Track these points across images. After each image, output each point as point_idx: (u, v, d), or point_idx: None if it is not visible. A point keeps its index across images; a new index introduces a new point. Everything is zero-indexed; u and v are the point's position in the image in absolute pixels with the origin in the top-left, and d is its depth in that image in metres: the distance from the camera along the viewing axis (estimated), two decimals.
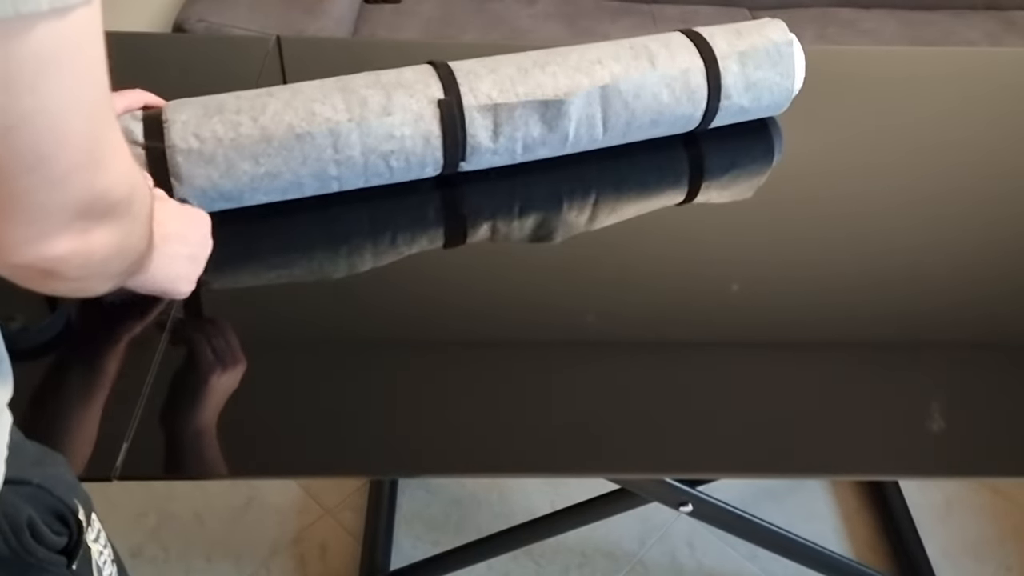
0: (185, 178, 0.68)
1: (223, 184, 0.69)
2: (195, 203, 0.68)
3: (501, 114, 0.74)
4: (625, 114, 0.79)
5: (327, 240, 0.76)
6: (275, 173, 0.70)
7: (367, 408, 0.63)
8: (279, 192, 0.72)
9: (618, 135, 0.80)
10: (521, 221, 0.79)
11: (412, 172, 0.75)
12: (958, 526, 1.33)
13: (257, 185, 0.70)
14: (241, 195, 0.70)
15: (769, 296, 0.73)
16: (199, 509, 1.33)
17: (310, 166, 0.70)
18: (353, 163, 0.71)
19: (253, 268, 0.74)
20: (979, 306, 0.73)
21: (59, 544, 0.45)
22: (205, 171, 0.68)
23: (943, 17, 1.86)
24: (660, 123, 0.81)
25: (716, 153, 0.88)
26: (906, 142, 0.92)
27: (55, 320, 0.65)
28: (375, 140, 0.71)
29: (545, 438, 0.62)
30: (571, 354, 0.68)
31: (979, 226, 0.81)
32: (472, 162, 0.76)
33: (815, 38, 1.76)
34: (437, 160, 0.75)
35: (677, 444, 0.62)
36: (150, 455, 0.59)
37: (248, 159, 0.69)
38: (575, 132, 0.78)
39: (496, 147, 0.76)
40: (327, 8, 1.65)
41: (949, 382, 0.67)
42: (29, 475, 0.44)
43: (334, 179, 0.72)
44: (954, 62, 1.10)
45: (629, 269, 0.75)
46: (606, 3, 1.87)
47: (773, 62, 0.83)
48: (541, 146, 0.78)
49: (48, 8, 0.33)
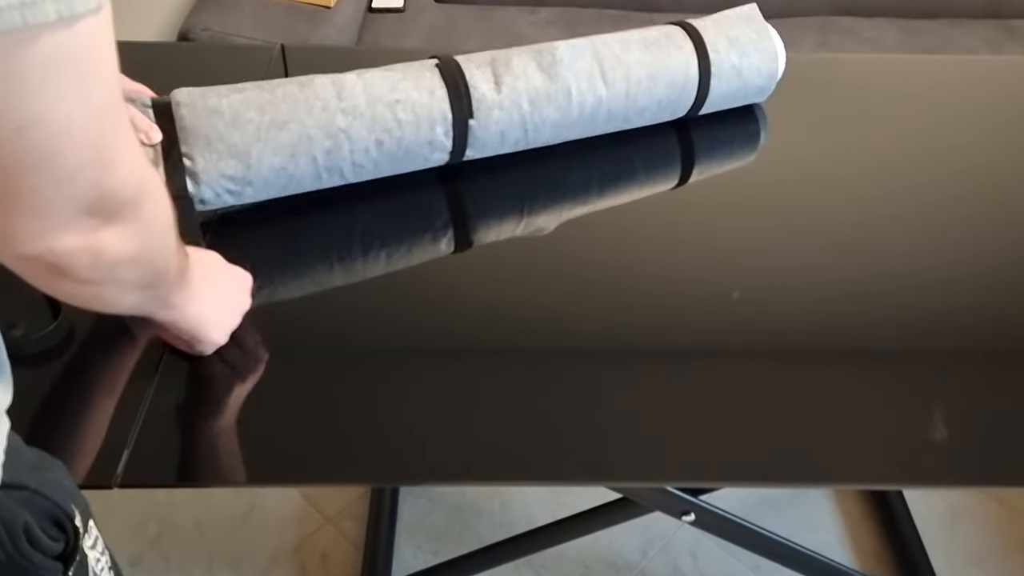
0: (191, 130, 0.68)
1: (229, 135, 0.68)
2: (202, 160, 0.68)
3: (499, 66, 0.77)
4: (620, 67, 0.80)
5: (328, 249, 0.76)
6: (281, 122, 0.70)
7: (369, 416, 0.63)
8: (288, 148, 0.70)
9: (620, 92, 0.81)
10: (525, 222, 0.79)
11: (422, 130, 0.74)
12: (963, 536, 1.32)
13: (264, 137, 0.69)
14: (249, 151, 0.69)
15: (772, 304, 0.73)
16: (199, 517, 1.32)
17: (316, 116, 0.71)
18: (359, 112, 0.72)
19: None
20: (983, 313, 0.73)
21: (55, 550, 0.45)
22: (210, 120, 0.68)
23: (944, 25, 1.86)
24: (658, 78, 0.82)
25: (707, 151, 0.88)
26: (907, 149, 0.92)
27: (58, 327, 0.65)
28: (379, 91, 0.73)
29: (547, 447, 0.62)
30: (573, 362, 0.68)
31: (984, 232, 0.81)
32: (481, 119, 0.76)
33: (816, 46, 1.76)
34: (445, 114, 0.74)
35: (679, 453, 0.62)
36: (151, 463, 0.59)
37: (253, 108, 0.69)
38: (576, 86, 0.79)
39: (501, 99, 0.76)
40: (331, 17, 1.65)
41: (952, 391, 0.66)
42: (26, 480, 0.44)
43: (342, 132, 0.71)
44: (954, 70, 1.10)
45: (630, 274, 0.75)
46: (608, 12, 1.88)
47: (745, 22, 0.87)
48: (546, 101, 0.78)
49: (55, 18, 0.35)
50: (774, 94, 0.92)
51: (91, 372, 0.64)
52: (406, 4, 1.85)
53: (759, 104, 0.93)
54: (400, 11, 1.83)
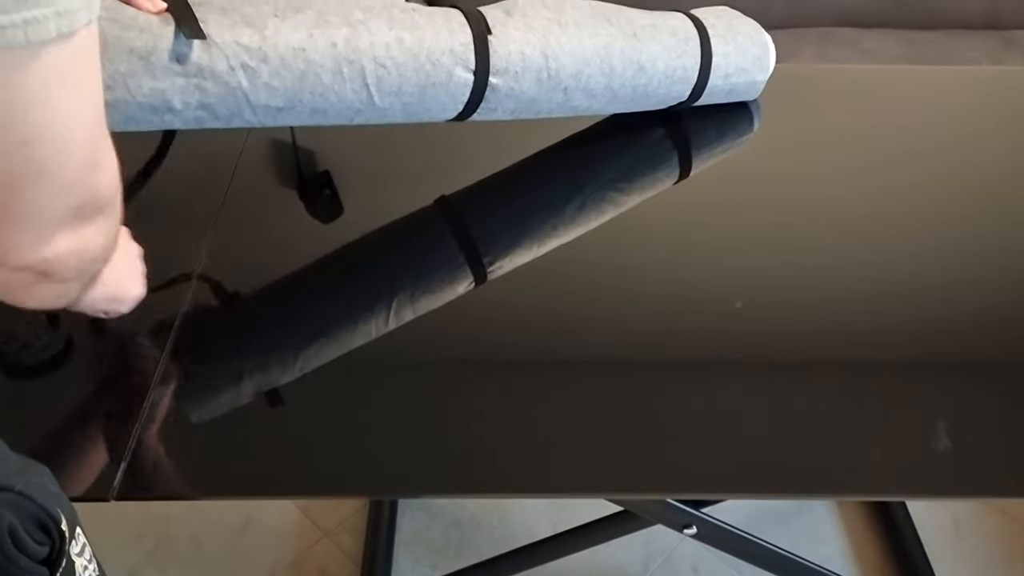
0: (203, 1, 0.64)
1: (244, 8, 0.65)
2: (215, 25, 0.63)
3: (507, 4, 0.78)
4: (623, 15, 0.82)
5: (329, 260, 0.76)
6: (298, 6, 0.67)
7: (367, 429, 0.62)
8: (306, 27, 0.66)
9: (629, 34, 0.81)
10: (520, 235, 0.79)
11: (441, 35, 0.72)
12: (967, 548, 1.31)
13: (280, 14, 0.66)
14: (265, 21, 0.65)
15: (775, 315, 0.73)
16: (196, 531, 1.31)
17: (333, 7, 0.68)
18: (375, 11, 0.70)
19: (251, 292, 0.74)
20: (987, 324, 0.72)
21: (41, 554, 0.45)
22: (223, 2, 0.65)
23: (944, 36, 1.87)
24: (660, 28, 0.83)
25: (711, 160, 0.88)
26: (908, 161, 0.92)
27: (55, 339, 0.64)
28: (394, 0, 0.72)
29: (547, 459, 0.61)
30: (572, 374, 0.67)
31: (986, 242, 0.81)
32: (499, 35, 0.74)
33: (816, 57, 1.77)
34: (464, 27, 0.73)
35: (681, 465, 0.61)
36: (148, 476, 0.59)
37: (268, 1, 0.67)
38: (585, 24, 0.79)
39: (515, 22, 0.75)
40: None
41: (956, 401, 0.66)
42: (11, 482, 0.44)
43: (361, 23, 0.68)
44: (954, 80, 1.10)
45: (629, 286, 0.75)
46: None
47: (723, 10, 0.89)
48: (559, 29, 0.77)
49: (56, 34, 0.36)
50: (774, 104, 0.92)
51: (87, 385, 0.64)
52: None
53: (758, 112, 0.93)
54: None
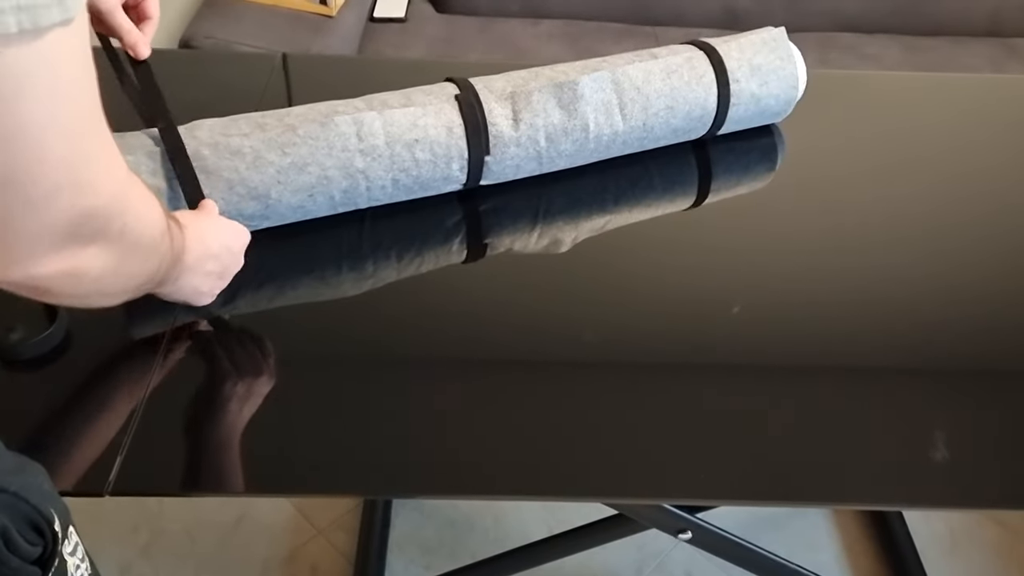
0: (212, 171, 0.68)
1: (250, 177, 0.68)
2: (222, 202, 0.68)
3: (519, 101, 0.76)
4: (640, 99, 0.80)
5: (327, 258, 0.76)
6: (301, 164, 0.69)
7: (362, 428, 0.62)
8: (307, 191, 0.71)
9: (638, 124, 0.80)
10: (533, 240, 0.78)
11: (439, 169, 0.74)
12: (963, 559, 1.31)
13: (284, 179, 0.69)
14: (269, 192, 0.69)
15: (773, 322, 0.72)
16: (190, 527, 1.31)
17: (336, 157, 0.70)
18: (378, 153, 0.72)
19: (250, 289, 0.73)
20: (987, 335, 0.72)
21: (33, 554, 0.44)
22: (231, 163, 0.68)
23: (945, 43, 1.87)
24: (676, 110, 0.82)
25: (717, 167, 0.88)
26: (911, 170, 0.92)
27: (53, 333, 0.64)
28: (399, 129, 0.72)
29: (543, 461, 0.61)
30: (569, 376, 0.67)
31: (988, 252, 0.81)
32: (497, 155, 0.76)
33: (817, 63, 1.77)
34: (462, 152, 0.74)
35: (676, 470, 0.61)
36: (144, 471, 0.58)
37: (275, 149, 0.69)
38: (594, 119, 0.78)
39: (518, 135, 0.76)
40: (333, 26, 1.65)
41: (954, 412, 0.66)
42: (4, 483, 0.44)
43: (360, 174, 0.72)
44: (956, 88, 1.10)
45: (628, 290, 0.75)
46: (609, 25, 1.88)
47: (771, 48, 0.86)
48: (563, 136, 0.78)
49: (16, 30, 0.33)
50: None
51: (85, 378, 0.64)
52: (408, 14, 1.85)
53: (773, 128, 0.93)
54: (402, 21, 1.84)
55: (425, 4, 1.92)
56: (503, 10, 1.90)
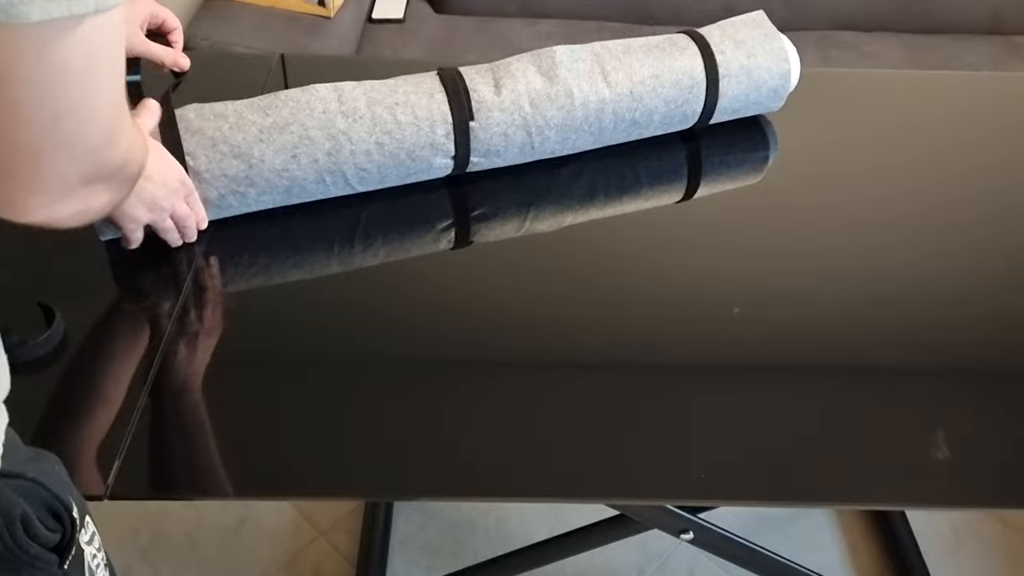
0: (195, 129, 0.70)
1: (232, 136, 0.71)
2: (205, 159, 0.70)
3: (498, 70, 0.77)
4: (622, 67, 0.80)
5: (326, 260, 0.75)
6: (282, 124, 0.72)
7: (363, 430, 0.62)
8: (289, 149, 0.72)
9: (624, 92, 0.80)
10: (522, 233, 0.78)
11: (423, 132, 0.74)
12: (967, 557, 1.31)
13: (265, 138, 0.71)
14: (251, 151, 0.71)
15: (774, 322, 0.72)
16: (191, 529, 1.31)
17: (316, 118, 0.72)
18: (359, 115, 0.73)
19: (250, 290, 0.73)
20: (989, 333, 0.72)
21: (52, 541, 0.45)
22: (215, 123, 0.71)
23: (945, 41, 1.87)
24: (663, 79, 0.81)
25: (713, 166, 0.87)
26: (910, 168, 0.91)
27: (51, 335, 0.64)
28: (379, 95, 0.74)
29: (544, 462, 0.61)
30: (571, 377, 0.67)
31: (988, 251, 0.80)
32: (482, 120, 0.76)
33: (817, 61, 1.76)
34: (445, 115, 0.75)
35: (678, 471, 0.61)
36: (142, 474, 0.58)
37: (256, 111, 0.72)
38: (578, 85, 0.78)
39: (501, 100, 0.76)
40: (331, 27, 1.65)
41: (956, 410, 0.65)
42: (25, 469, 0.44)
43: (343, 134, 0.72)
44: (955, 86, 1.10)
45: (630, 290, 0.74)
46: (608, 24, 1.88)
47: (751, 26, 0.86)
48: (548, 101, 0.77)
49: (94, 8, 0.38)
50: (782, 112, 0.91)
51: (83, 381, 0.63)
52: (406, 15, 1.85)
53: (763, 118, 0.92)
54: (400, 22, 1.83)
55: (423, 4, 1.91)
56: (501, 10, 1.90)
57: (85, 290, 0.72)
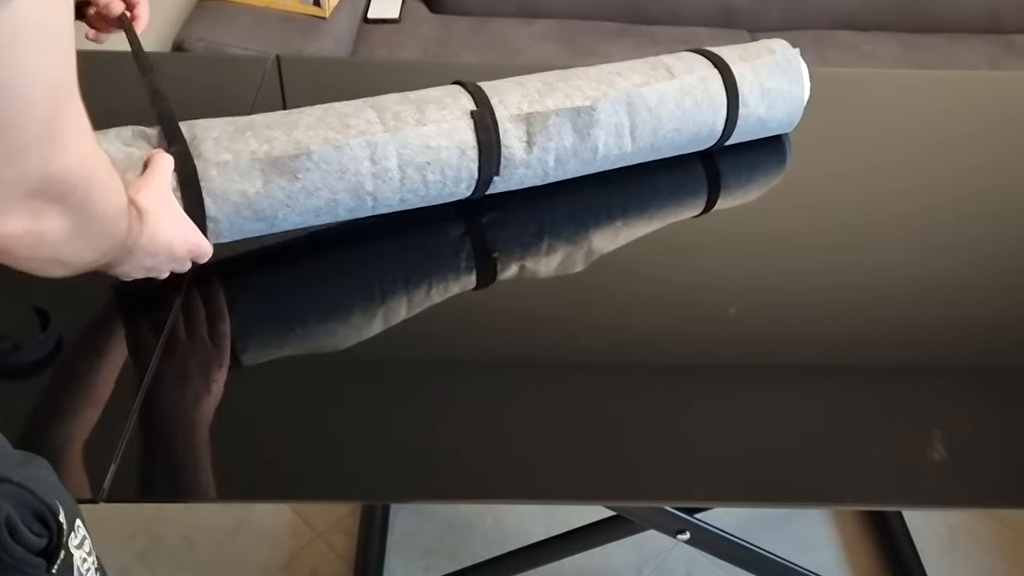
0: (219, 194, 0.65)
1: (258, 201, 0.66)
2: (226, 223, 0.66)
3: (535, 123, 0.74)
4: (651, 121, 0.79)
5: (323, 263, 0.75)
6: (311, 190, 0.67)
7: (360, 433, 0.62)
8: (313, 213, 0.70)
9: (646, 145, 0.80)
10: (535, 246, 0.78)
11: (447, 189, 0.74)
12: (963, 557, 1.31)
13: (292, 203, 0.67)
14: (275, 214, 0.68)
15: (771, 322, 0.72)
16: (188, 531, 1.30)
17: (347, 180, 0.68)
18: (390, 177, 0.70)
19: (246, 291, 0.73)
20: (985, 332, 0.72)
21: (38, 545, 0.44)
22: (240, 186, 0.65)
23: (943, 40, 1.87)
24: (684, 131, 0.81)
25: (732, 173, 0.88)
26: (904, 166, 0.91)
27: (46, 339, 0.64)
28: (412, 151, 0.70)
29: (541, 464, 0.60)
30: (569, 379, 0.67)
31: (987, 251, 0.81)
32: (505, 176, 0.75)
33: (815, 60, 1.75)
34: (472, 174, 0.73)
35: (675, 472, 0.61)
36: (138, 477, 0.58)
37: (286, 175, 0.66)
38: (604, 142, 0.78)
39: (529, 158, 0.75)
40: (326, 28, 1.65)
41: (952, 410, 0.65)
42: (10, 474, 0.44)
43: (369, 195, 0.70)
44: (955, 85, 1.10)
45: (626, 292, 0.74)
46: (605, 24, 1.88)
47: (783, 70, 0.85)
48: (572, 158, 0.77)
49: None
50: None
51: (79, 385, 0.63)
52: (402, 15, 1.84)
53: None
54: (396, 22, 1.83)
55: (419, 4, 1.91)
56: (497, 10, 1.89)
57: (80, 294, 0.72)
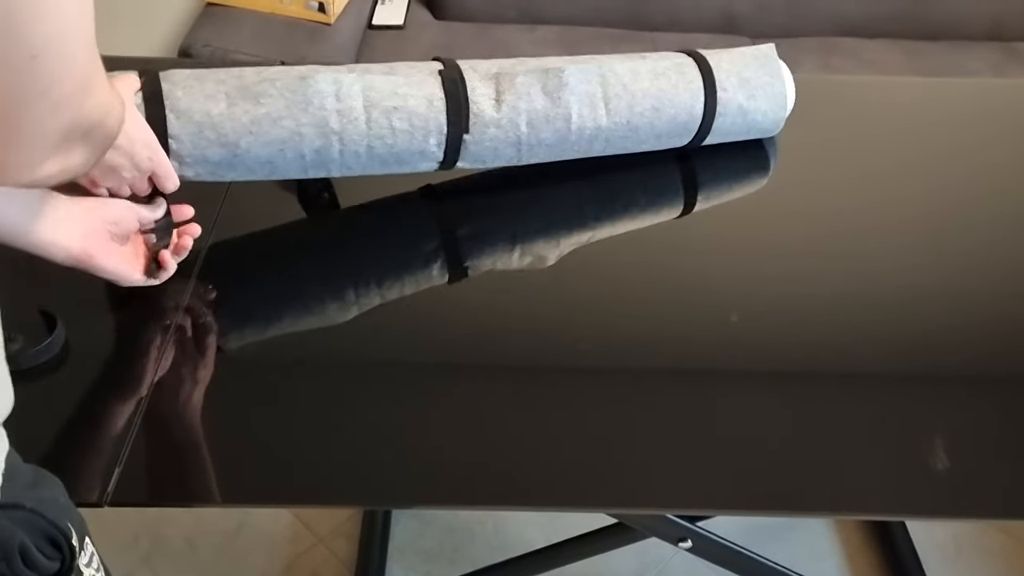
0: (183, 111, 0.66)
1: (221, 123, 0.67)
2: (189, 144, 0.67)
3: (503, 82, 0.75)
4: (626, 96, 0.79)
5: (324, 269, 0.75)
6: (275, 117, 0.68)
7: (362, 437, 0.62)
8: (278, 143, 0.69)
9: (622, 120, 0.79)
10: (518, 245, 0.78)
11: (416, 142, 0.73)
12: (966, 568, 1.30)
13: (256, 130, 0.68)
14: (238, 141, 0.68)
15: (771, 331, 0.72)
16: (191, 535, 1.31)
17: (312, 114, 0.69)
18: (355, 117, 0.70)
19: (248, 296, 0.73)
20: (988, 340, 0.72)
21: (51, 569, 0.45)
22: (204, 106, 0.67)
23: (947, 47, 1.87)
24: (662, 113, 0.81)
25: (712, 175, 0.88)
26: (909, 175, 0.91)
27: (52, 342, 0.64)
28: (378, 95, 0.71)
29: (543, 471, 0.61)
30: (570, 386, 0.67)
31: (987, 259, 0.80)
32: (476, 135, 0.75)
33: (818, 67, 1.77)
34: (441, 127, 0.73)
35: (677, 480, 0.61)
36: (142, 481, 0.58)
37: (250, 99, 0.68)
38: (578, 111, 0.77)
39: (499, 117, 0.75)
40: (331, 34, 1.65)
41: (955, 419, 0.65)
42: (22, 499, 0.44)
43: (335, 134, 0.70)
44: (956, 92, 1.10)
45: (626, 297, 0.74)
46: (606, 30, 1.88)
47: (760, 63, 0.85)
48: (545, 123, 0.77)
49: None
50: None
51: (84, 388, 0.63)
52: (406, 21, 1.85)
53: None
54: (400, 28, 1.83)
55: (423, 11, 1.92)
56: (500, 16, 1.90)
57: (86, 298, 0.72)
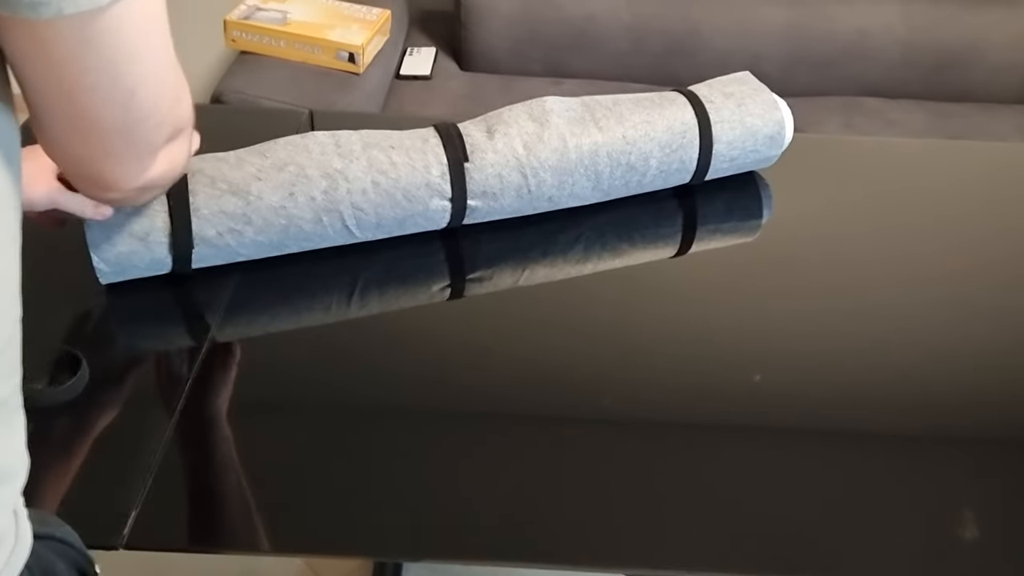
0: (195, 170, 0.73)
1: (231, 174, 0.73)
2: (204, 196, 0.73)
3: (491, 119, 0.81)
4: (612, 116, 0.82)
5: (339, 315, 0.76)
6: (280, 165, 0.74)
7: (375, 487, 0.61)
8: (286, 186, 0.73)
9: (617, 136, 0.81)
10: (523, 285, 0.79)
11: (418, 171, 0.76)
12: None
13: (263, 176, 0.73)
14: (248, 186, 0.73)
15: (790, 388, 0.71)
16: None
17: (314, 159, 0.75)
18: (355, 156, 0.76)
19: (272, 343, 0.74)
20: (1018, 406, 0.71)
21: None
22: (214, 164, 0.74)
23: (973, 110, 1.87)
24: (656, 125, 0.83)
25: (713, 215, 0.88)
26: (931, 235, 0.91)
27: (75, 383, 0.64)
28: (374, 139, 0.78)
29: (559, 526, 0.60)
30: (582, 441, 0.66)
31: (1014, 317, 0.79)
32: (476, 161, 0.77)
33: (841, 127, 1.77)
34: (439, 156, 0.77)
35: (696, 539, 0.59)
36: (158, 525, 0.58)
37: (255, 155, 0.75)
38: (569, 129, 0.80)
39: (494, 143, 0.78)
40: (359, 83, 1.69)
41: (985, 486, 0.63)
42: (53, 530, 0.46)
43: (339, 173, 0.74)
44: (979, 156, 1.10)
45: (648, 348, 0.74)
46: (631, 85, 1.91)
47: (739, 82, 0.90)
48: (540, 143, 0.79)
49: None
50: (788, 175, 0.92)
51: (103, 430, 0.64)
52: (433, 72, 1.89)
53: (767, 187, 0.92)
54: (427, 79, 1.87)
55: (450, 62, 1.96)
56: (525, 69, 1.93)
57: (107, 337, 0.73)
